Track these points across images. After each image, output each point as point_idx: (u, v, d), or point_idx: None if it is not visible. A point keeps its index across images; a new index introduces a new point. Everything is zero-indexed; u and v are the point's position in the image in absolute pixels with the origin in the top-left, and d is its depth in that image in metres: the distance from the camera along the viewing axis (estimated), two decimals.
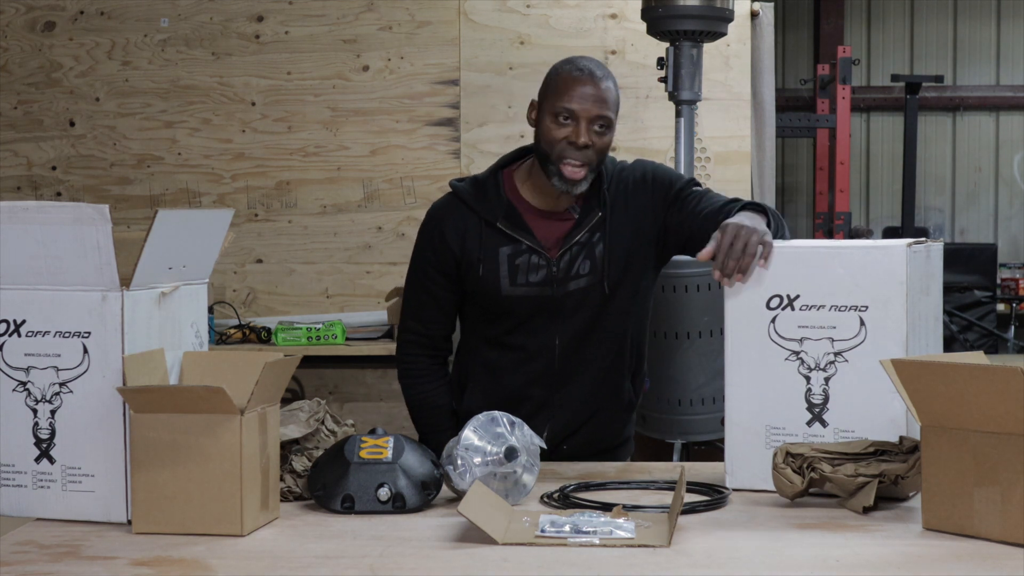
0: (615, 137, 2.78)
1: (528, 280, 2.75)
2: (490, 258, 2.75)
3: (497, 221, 2.75)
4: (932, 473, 2.01)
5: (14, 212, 2.08)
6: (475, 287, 2.78)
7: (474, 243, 2.76)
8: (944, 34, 11.39)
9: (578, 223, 2.75)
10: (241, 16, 5.53)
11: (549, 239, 2.75)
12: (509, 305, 2.77)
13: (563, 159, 2.67)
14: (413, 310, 2.89)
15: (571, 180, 2.67)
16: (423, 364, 2.91)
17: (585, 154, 2.67)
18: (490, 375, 2.84)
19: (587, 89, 2.69)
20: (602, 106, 2.68)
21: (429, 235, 2.82)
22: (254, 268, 5.54)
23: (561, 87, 2.70)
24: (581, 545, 1.94)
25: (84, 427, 2.09)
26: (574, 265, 2.74)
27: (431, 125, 5.51)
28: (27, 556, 1.91)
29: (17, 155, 5.60)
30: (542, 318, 2.77)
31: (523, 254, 2.74)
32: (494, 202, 2.76)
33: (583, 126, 2.67)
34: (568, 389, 2.82)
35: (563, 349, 2.79)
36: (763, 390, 2.33)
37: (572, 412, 2.83)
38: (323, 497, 2.19)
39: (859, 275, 2.27)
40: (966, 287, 9.15)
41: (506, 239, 2.75)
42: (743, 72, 5.43)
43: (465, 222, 2.78)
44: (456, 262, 2.79)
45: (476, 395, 2.85)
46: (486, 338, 2.85)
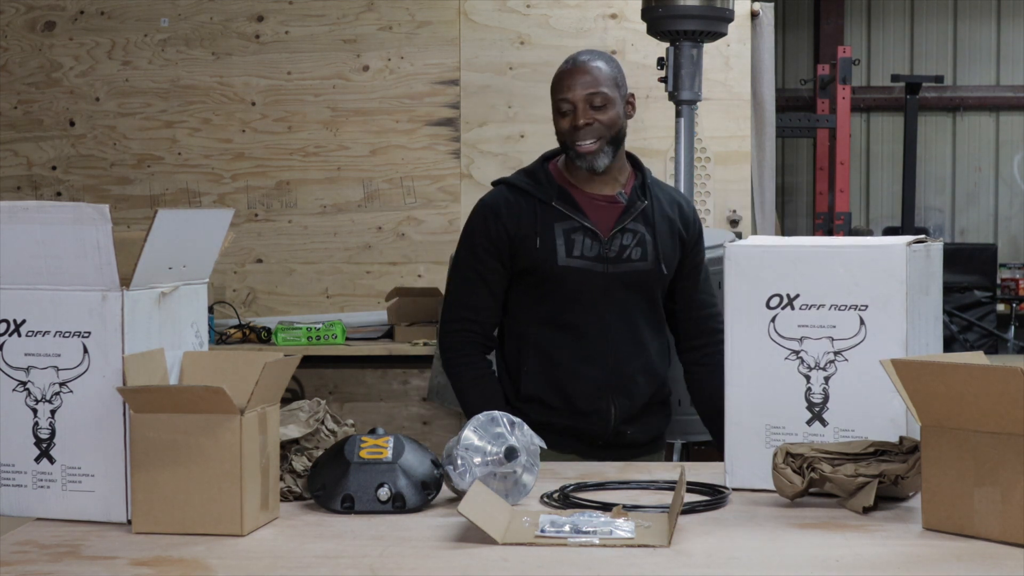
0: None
1: (583, 254, 2.88)
2: (546, 232, 2.89)
3: (552, 201, 2.90)
4: (932, 473, 2.01)
5: (14, 212, 2.08)
6: (531, 261, 2.89)
7: (530, 220, 2.90)
8: (944, 34, 11.39)
9: (627, 209, 2.92)
10: (241, 16, 5.53)
11: (600, 221, 2.91)
12: (564, 277, 2.88)
13: (574, 143, 2.88)
14: (463, 298, 2.97)
15: (587, 154, 2.87)
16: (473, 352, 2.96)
17: (589, 131, 2.86)
18: (544, 357, 2.92)
19: (575, 76, 2.90)
20: (592, 84, 2.87)
21: (482, 221, 2.95)
22: (254, 268, 5.54)
23: (556, 83, 2.93)
24: (581, 545, 1.94)
25: (84, 427, 2.09)
26: (626, 250, 2.90)
27: (431, 125, 5.51)
28: (27, 556, 1.91)
29: (17, 155, 5.60)
30: (593, 295, 2.89)
31: (577, 231, 2.89)
32: (547, 185, 2.93)
33: (579, 109, 2.87)
34: (624, 371, 2.92)
35: (615, 328, 2.91)
36: (763, 390, 2.33)
37: (633, 397, 2.94)
38: (323, 497, 2.19)
39: (859, 274, 2.27)
40: (966, 287, 9.15)
41: (561, 216, 2.90)
42: (743, 72, 5.44)
43: (519, 205, 2.93)
44: (510, 241, 2.91)
45: (532, 378, 2.93)
46: (538, 319, 2.93)
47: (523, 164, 3.37)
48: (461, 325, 2.96)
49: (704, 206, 5.34)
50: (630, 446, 2.96)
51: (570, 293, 2.89)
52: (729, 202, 5.40)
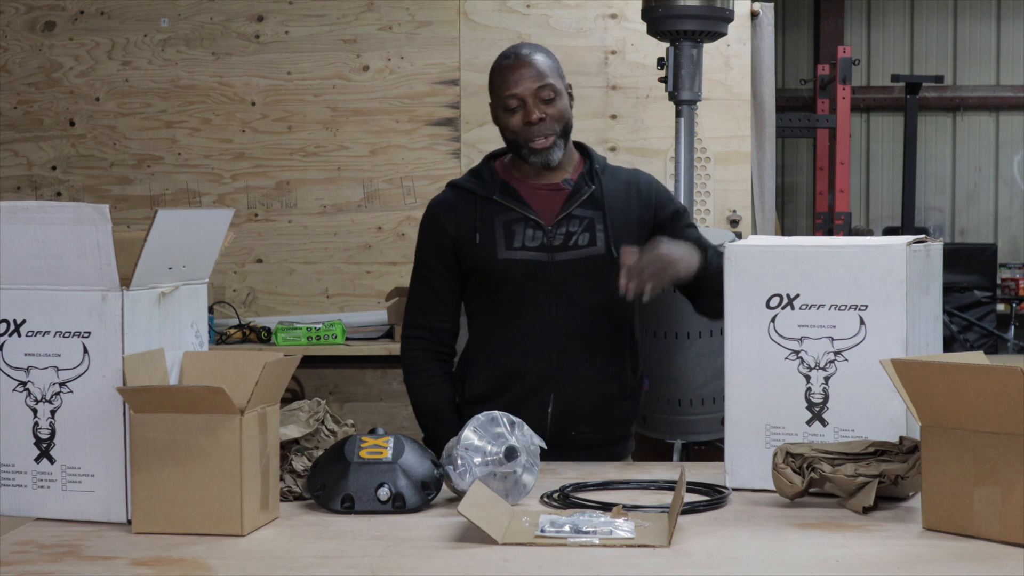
0: (616, 136, 2.86)
1: (524, 244, 2.82)
2: (486, 227, 2.84)
3: (493, 195, 2.85)
4: (932, 473, 2.01)
5: (14, 212, 2.08)
6: (473, 259, 2.84)
7: (469, 217, 2.85)
8: (944, 34, 11.39)
9: (572, 195, 2.85)
10: (241, 16, 5.53)
11: (544, 210, 2.84)
12: (505, 270, 2.81)
13: (527, 140, 2.81)
14: (416, 304, 2.94)
15: (542, 149, 2.81)
16: (425, 359, 2.93)
17: (542, 127, 2.80)
18: (489, 357, 2.87)
19: (520, 70, 2.81)
20: (538, 78, 2.81)
21: (427, 225, 2.92)
22: (254, 268, 5.54)
23: (498, 80, 2.84)
24: (581, 545, 1.94)
25: (84, 427, 2.09)
26: (571, 237, 2.82)
27: (431, 125, 5.51)
28: (27, 556, 1.91)
29: (17, 155, 5.60)
30: (536, 285, 2.81)
31: (518, 222, 2.83)
32: (489, 181, 2.88)
33: (530, 104, 2.79)
34: (567, 365, 2.82)
35: (559, 319, 2.81)
36: (763, 390, 2.33)
37: (576, 393, 2.83)
38: (323, 497, 2.19)
39: (859, 274, 2.27)
40: (966, 287, 9.14)
41: (502, 209, 2.84)
42: (743, 72, 5.43)
43: (461, 203, 2.88)
44: (453, 242, 2.86)
45: (480, 378, 2.87)
46: (488, 320, 2.88)
47: None
48: (414, 332, 2.93)
49: (704, 206, 5.34)
50: (578, 447, 2.81)
51: (515, 287, 2.81)
52: (729, 202, 5.40)
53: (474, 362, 2.90)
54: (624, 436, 2.98)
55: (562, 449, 2.74)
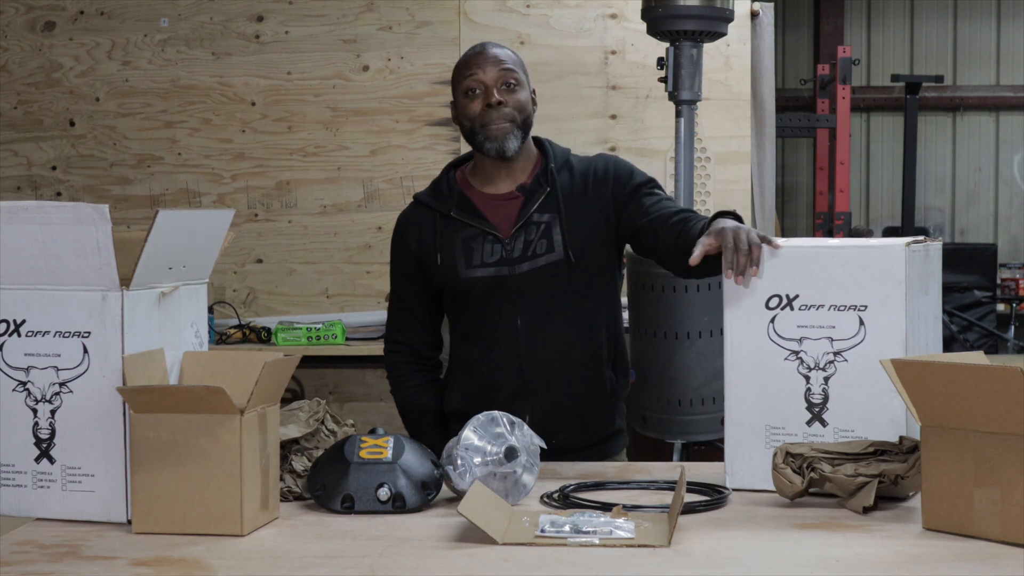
0: (616, 136, 2.83)
1: (484, 261, 2.80)
2: (446, 246, 2.82)
3: (451, 211, 2.83)
4: (932, 473, 2.01)
5: (14, 212, 2.08)
6: (438, 278, 2.84)
7: (430, 237, 2.84)
8: (944, 34, 11.39)
9: (526, 202, 2.81)
10: (241, 16, 5.53)
11: (502, 222, 2.81)
12: (468, 288, 2.81)
13: (484, 124, 2.78)
14: (393, 322, 2.98)
15: (497, 136, 2.77)
16: (405, 371, 2.96)
17: (502, 112, 2.77)
18: (464, 371, 2.87)
19: (484, 57, 2.80)
20: (501, 64, 2.80)
21: (395, 244, 2.93)
22: (254, 268, 5.54)
23: (463, 66, 2.83)
24: (581, 545, 1.94)
25: (84, 427, 2.09)
26: (530, 246, 2.79)
27: (431, 125, 5.51)
28: (27, 556, 1.91)
29: (17, 155, 5.60)
30: (501, 300, 2.79)
31: (477, 237, 2.81)
32: (447, 196, 2.86)
33: (490, 87, 2.77)
34: (538, 374, 2.80)
35: (526, 330, 2.79)
36: (763, 390, 2.33)
37: (551, 401, 2.81)
38: (323, 497, 2.19)
39: (858, 274, 2.27)
40: (966, 287, 9.14)
41: (460, 226, 2.82)
42: (743, 72, 5.43)
43: (423, 221, 2.87)
44: (417, 261, 2.86)
45: (454, 394, 2.88)
46: (459, 335, 2.89)
47: None
48: (393, 347, 2.97)
49: (704, 206, 5.34)
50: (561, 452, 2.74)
51: (479, 303, 2.81)
52: (729, 202, 5.39)
53: (453, 377, 2.91)
54: (612, 434, 2.94)
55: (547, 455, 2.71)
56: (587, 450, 2.85)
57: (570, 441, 2.83)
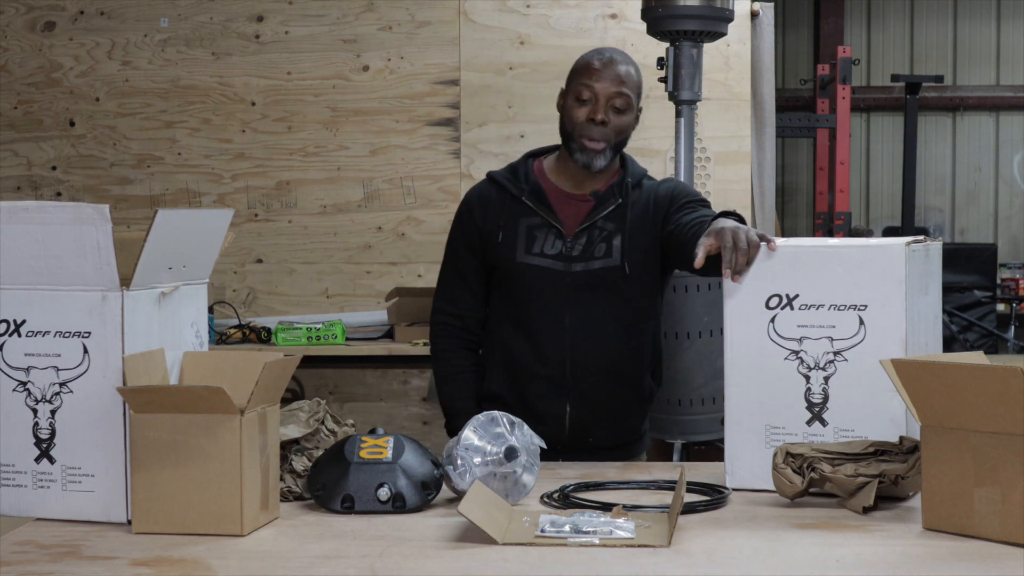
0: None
1: (543, 251, 2.84)
2: (510, 227, 2.86)
3: (523, 196, 2.87)
4: (932, 473, 2.01)
5: (14, 212, 2.08)
6: (494, 257, 2.88)
7: (497, 214, 2.88)
8: (944, 34, 11.39)
9: (596, 206, 2.86)
10: (241, 16, 5.53)
11: (569, 219, 2.86)
12: (521, 273, 2.84)
13: (583, 136, 2.82)
14: (445, 291, 2.98)
15: (590, 151, 2.82)
16: (452, 348, 2.97)
17: (602, 131, 2.81)
18: (506, 355, 2.89)
19: (606, 71, 2.83)
20: (619, 85, 2.82)
21: (460, 214, 2.96)
22: (254, 268, 5.54)
23: (583, 70, 2.86)
24: (581, 545, 1.94)
25: (84, 427, 2.09)
26: (591, 247, 2.83)
27: (431, 125, 5.51)
28: (27, 556, 1.91)
29: (17, 155, 5.60)
30: (552, 293, 2.83)
31: (541, 228, 2.86)
32: (523, 181, 2.90)
33: (600, 103, 2.81)
34: (582, 373, 2.84)
35: (573, 328, 2.83)
36: (763, 390, 2.33)
37: (590, 400, 2.85)
38: (323, 497, 2.19)
39: (858, 274, 2.27)
40: (966, 287, 9.15)
41: (528, 212, 2.87)
42: (743, 72, 5.43)
43: (493, 198, 2.91)
44: (480, 234, 2.90)
45: (495, 377, 2.90)
46: (504, 319, 2.91)
47: None
48: (442, 318, 2.97)
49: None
50: (595, 450, 2.84)
51: (529, 291, 2.84)
52: (729, 202, 5.39)
53: (492, 357, 2.93)
54: (640, 435, 2.99)
55: (579, 453, 2.80)
56: (616, 450, 2.89)
57: (604, 440, 2.88)
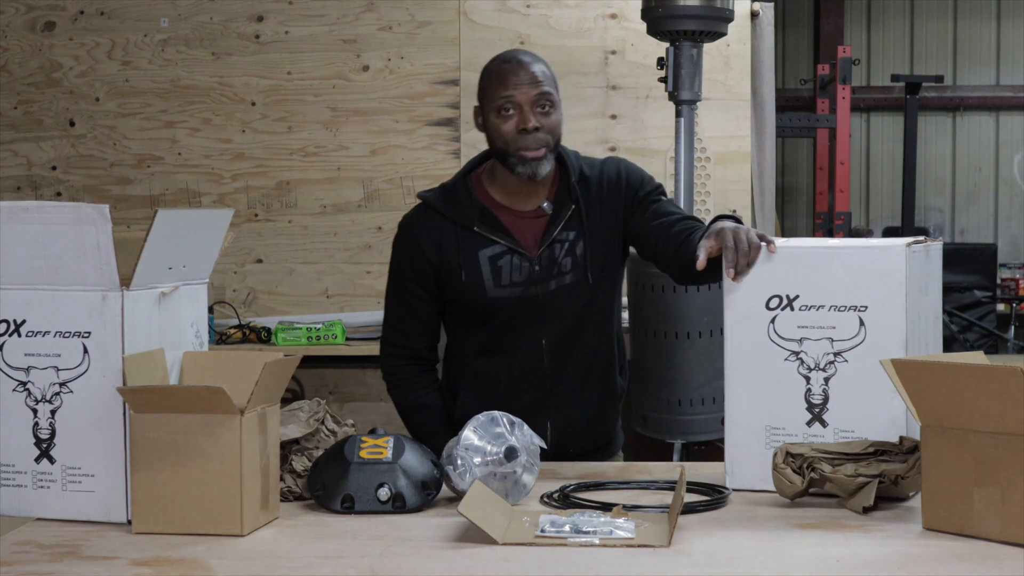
0: (616, 136, 2.81)
1: (512, 280, 2.75)
2: (471, 262, 2.75)
3: (474, 225, 2.75)
4: (932, 473, 2.01)
5: (14, 212, 2.08)
6: (458, 294, 2.77)
7: (452, 249, 2.76)
8: (944, 34, 11.39)
9: (553, 219, 2.77)
10: (241, 16, 5.53)
11: (528, 238, 2.76)
12: (494, 308, 2.76)
13: (519, 149, 2.69)
14: (393, 323, 2.88)
15: (532, 160, 2.69)
16: (409, 373, 2.89)
17: (537, 138, 2.69)
18: (480, 383, 2.83)
19: (519, 75, 2.70)
20: (538, 85, 2.70)
21: (405, 247, 2.82)
22: (254, 268, 5.54)
23: (495, 81, 2.72)
24: (581, 545, 1.94)
25: (84, 427, 2.09)
26: (556, 263, 2.75)
27: (431, 125, 5.51)
28: (27, 556, 1.91)
29: (17, 155, 5.60)
30: (526, 319, 2.77)
31: (504, 255, 2.75)
32: (467, 206, 2.77)
33: (526, 110, 2.68)
34: (561, 388, 2.81)
35: (551, 348, 2.79)
36: (763, 390, 2.33)
37: (570, 412, 2.83)
38: (323, 497, 2.19)
39: (858, 275, 2.27)
40: (966, 287, 9.14)
41: (484, 242, 2.75)
42: (743, 72, 5.43)
43: (440, 230, 2.78)
44: (435, 271, 2.78)
45: (468, 402, 2.82)
46: (472, 347, 2.83)
47: None
48: (394, 349, 2.88)
49: (704, 206, 5.34)
50: (575, 457, 2.78)
51: (504, 320, 2.77)
52: (729, 202, 5.39)
53: (466, 386, 2.85)
54: (615, 435, 2.97)
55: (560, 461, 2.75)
56: (595, 453, 2.87)
57: (585, 445, 2.86)
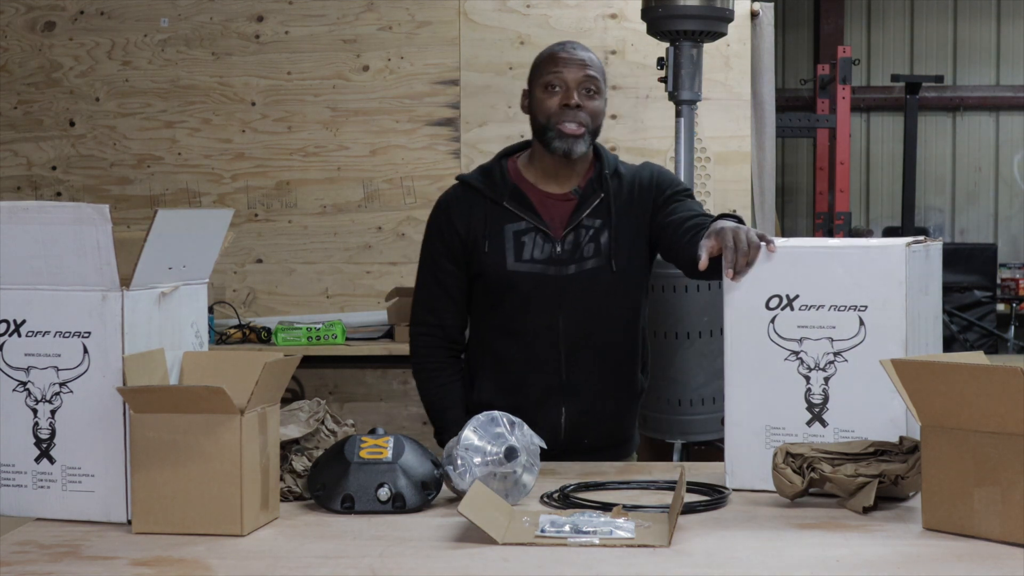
0: (616, 136, 2.83)
1: (533, 257, 2.80)
2: (495, 235, 2.81)
3: (504, 201, 2.82)
4: (932, 473, 2.01)
5: (14, 212, 2.08)
6: (481, 266, 2.82)
7: (480, 222, 2.83)
8: (944, 34, 11.39)
9: (580, 204, 2.82)
10: (241, 16, 5.53)
11: (554, 220, 2.82)
12: (513, 282, 2.80)
13: (559, 122, 2.78)
14: (425, 302, 2.92)
15: (569, 136, 2.77)
16: (437, 359, 2.92)
17: (578, 115, 2.78)
18: (497, 364, 2.85)
19: (571, 57, 2.81)
20: (586, 69, 2.80)
21: (436, 223, 2.89)
22: (254, 268, 5.54)
23: (546, 61, 2.84)
24: (581, 545, 1.94)
25: (84, 427, 2.09)
26: (579, 247, 2.80)
27: (431, 125, 5.51)
28: (27, 556, 1.91)
29: (17, 155, 5.60)
30: (544, 298, 2.80)
31: (528, 232, 2.81)
32: (500, 184, 2.85)
33: (571, 89, 2.78)
34: (576, 376, 2.82)
35: (567, 331, 2.80)
36: (763, 390, 2.33)
37: (585, 401, 2.83)
38: (323, 497, 2.19)
39: (858, 275, 2.27)
40: (966, 287, 9.14)
41: (512, 217, 2.82)
42: (743, 72, 5.43)
43: (471, 205, 2.85)
44: (463, 244, 2.84)
45: (486, 386, 2.86)
46: (492, 327, 2.87)
47: None
48: (424, 329, 2.92)
49: (704, 206, 5.34)
50: (589, 451, 2.81)
51: (521, 298, 2.80)
52: (729, 202, 5.40)
53: (481, 367, 2.88)
54: (632, 433, 2.98)
55: (574, 456, 2.78)
56: (610, 449, 2.88)
57: (599, 440, 2.86)
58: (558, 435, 2.81)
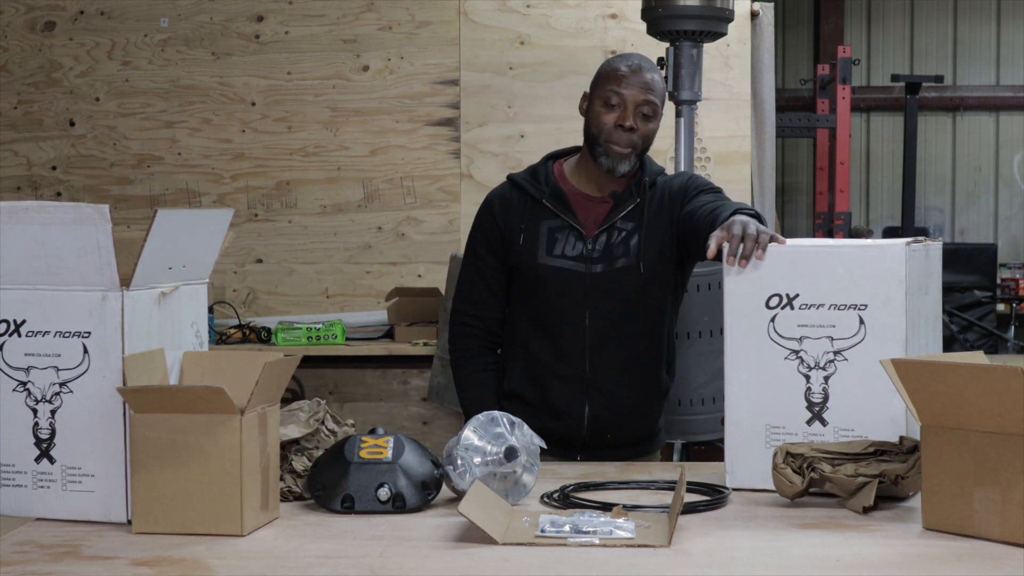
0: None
1: (564, 253, 2.88)
2: (531, 230, 2.90)
3: (543, 198, 2.91)
4: (932, 473, 2.01)
5: (14, 212, 2.08)
6: (515, 258, 2.91)
7: (518, 216, 2.92)
8: (944, 34, 11.39)
9: (615, 207, 2.89)
10: (241, 16, 5.53)
11: (589, 220, 2.90)
12: (542, 275, 2.88)
13: (610, 141, 2.84)
14: (465, 292, 3.02)
15: (617, 155, 2.84)
16: (473, 348, 3.00)
17: (630, 138, 2.85)
18: (526, 355, 2.93)
19: (634, 77, 2.86)
20: (648, 92, 2.85)
21: (481, 217, 3.00)
22: (254, 268, 5.54)
23: (611, 75, 2.88)
24: (581, 545, 1.94)
25: (84, 427, 2.09)
26: (610, 248, 2.87)
27: (431, 125, 5.51)
28: (27, 556, 1.91)
29: (17, 155, 5.60)
30: (573, 294, 2.87)
31: (563, 229, 2.89)
32: (543, 183, 2.94)
33: (630, 110, 2.84)
34: (602, 371, 2.87)
35: (592, 327, 2.86)
36: (763, 389, 2.33)
37: (610, 397, 2.88)
38: (323, 497, 2.19)
39: (858, 274, 2.27)
40: (966, 287, 9.14)
41: (549, 214, 2.91)
42: (743, 72, 5.43)
43: (514, 200, 2.95)
44: (502, 236, 2.93)
45: (515, 376, 2.94)
46: (524, 318, 2.94)
47: (523, 164, 3.38)
48: (464, 319, 3.01)
49: None
50: (613, 447, 2.89)
51: (551, 292, 2.88)
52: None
53: (512, 355, 2.97)
54: (657, 431, 3.02)
55: (597, 451, 2.85)
56: (634, 446, 2.93)
57: (623, 437, 2.91)
58: (581, 429, 2.88)
